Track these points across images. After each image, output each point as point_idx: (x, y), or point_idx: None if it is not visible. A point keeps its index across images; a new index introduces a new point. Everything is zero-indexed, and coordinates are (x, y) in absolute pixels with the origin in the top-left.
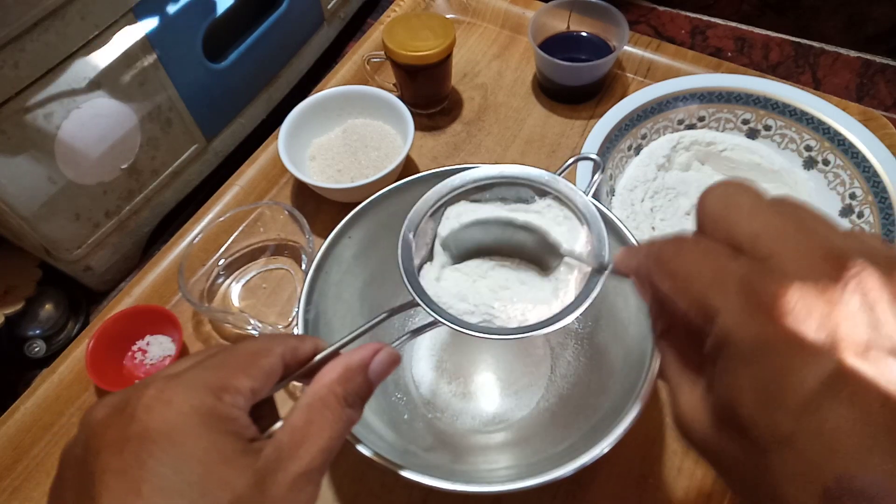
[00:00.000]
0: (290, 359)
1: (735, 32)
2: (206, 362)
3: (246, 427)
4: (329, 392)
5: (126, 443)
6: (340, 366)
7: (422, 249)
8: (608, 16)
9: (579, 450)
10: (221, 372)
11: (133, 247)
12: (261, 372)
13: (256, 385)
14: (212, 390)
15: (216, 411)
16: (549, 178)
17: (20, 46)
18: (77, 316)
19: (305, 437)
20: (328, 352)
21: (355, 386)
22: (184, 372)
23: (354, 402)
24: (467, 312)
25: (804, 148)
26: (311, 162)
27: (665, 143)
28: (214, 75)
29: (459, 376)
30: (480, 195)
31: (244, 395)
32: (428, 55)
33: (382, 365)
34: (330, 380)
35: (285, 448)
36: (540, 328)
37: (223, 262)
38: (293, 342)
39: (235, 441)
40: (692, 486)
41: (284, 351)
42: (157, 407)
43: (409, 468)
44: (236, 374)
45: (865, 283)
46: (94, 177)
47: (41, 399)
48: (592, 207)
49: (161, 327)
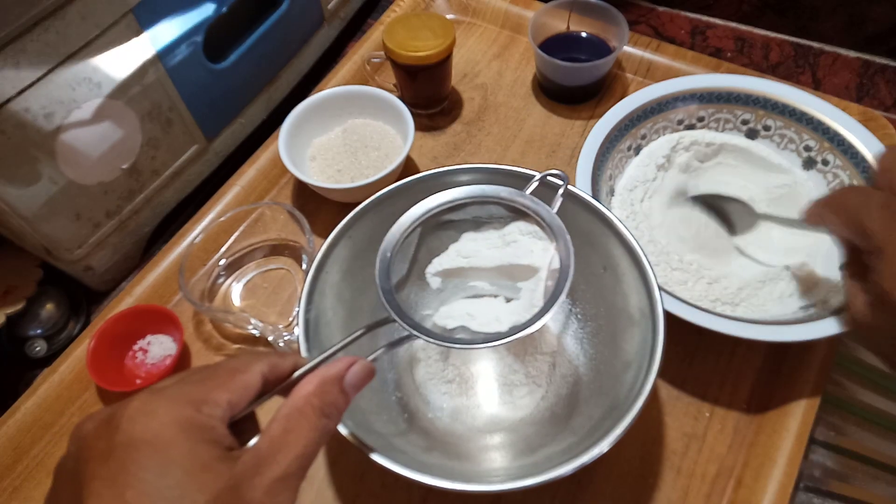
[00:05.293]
0: (270, 375)
1: (735, 32)
2: (188, 378)
3: (223, 436)
4: (306, 403)
5: (112, 452)
6: (317, 378)
7: (399, 268)
8: (608, 16)
9: (579, 449)
10: (201, 387)
11: (134, 247)
12: (238, 386)
13: (233, 398)
14: (191, 403)
15: (195, 421)
16: (516, 196)
17: (21, 46)
18: (78, 316)
19: (283, 445)
20: (307, 368)
21: (331, 397)
22: (167, 388)
23: (330, 413)
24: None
25: (804, 148)
26: (312, 162)
27: (665, 143)
28: (215, 75)
29: (459, 375)
30: (454, 215)
31: (221, 406)
32: (428, 55)
33: (356, 377)
34: (307, 392)
35: (263, 455)
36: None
37: (224, 262)
38: (273, 359)
39: (213, 448)
40: (691, 485)
41: (264, 367)
42: (140, 418)
43: (408, 467)
44: (215, 388)
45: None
46: (94, 177)
47: (42, 399)
48: (558, 221)
49: (162, 327)
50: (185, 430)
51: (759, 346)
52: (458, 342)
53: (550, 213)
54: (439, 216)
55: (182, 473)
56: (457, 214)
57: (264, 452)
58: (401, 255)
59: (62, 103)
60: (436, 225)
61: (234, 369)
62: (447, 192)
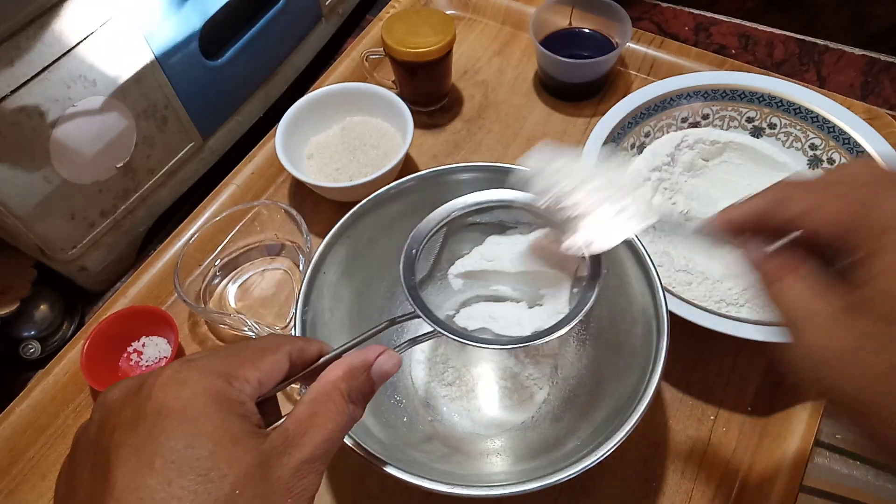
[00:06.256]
0: (296, 358)
1: (739, 29)
2: (218, 352)
3: (253, 413)
4: (334, 388)
5: (141, 420)
6: (345, 364)
7: (424, 266)
8: (611, 12)
9: (582, 453)
10: (232, 360)
11: (128, 246)
12: (268, 365)
13: (263, 377)
14: (223, 376)
15: (226, 394)
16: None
17: (15, 44)
18: (72, 317)
19: (310, 427)
20: (332, 354)
21: (358, 384)
22: (198, 359)
23: (357, 399)
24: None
25: (809, 146)
26: (309, 160)
27: (669, 141)
28: (211, 72)
29: (460, 379)
30: (479, 217)
31: (251, 383)
32: (428, 52)
33: (385, 366)
34: (335, 376)
35: (291, 435)
36: (538, 338)
37: (220, 263)
38: (300, 343)
39: (243, 423)
40: (695, 489)
41: (291, 350)
42: (172, 386)
43: (408, 471)
44: (245, 365)
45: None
46: (89, 176)
47: (36, 401)
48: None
49: (157, 328)
50: (217, 402)
51: (764, 348)
52: (482, 342)
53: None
54: (465, 218)
55: (213, 445)
56: (482, 217)
57: (292, 433)
58: (425, 253)
59: (57, 101)
60: (461, 226)
61: (264, 348)
62: (475, 195)
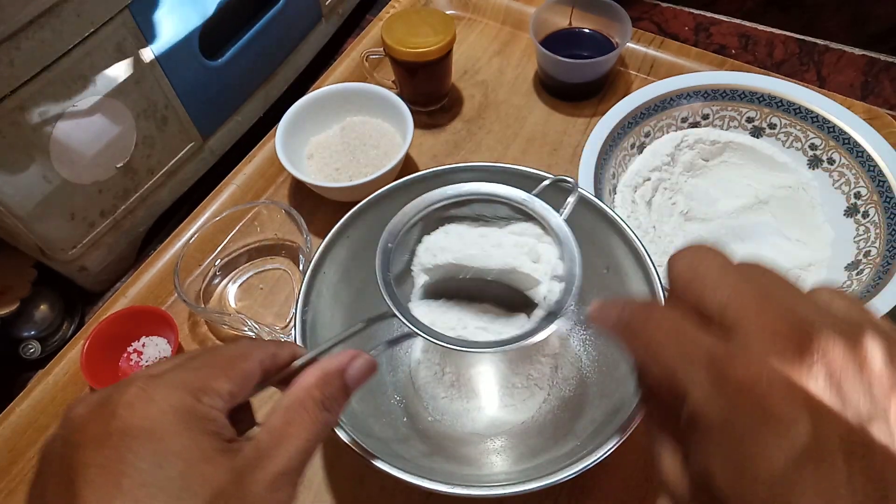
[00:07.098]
0: (269, 364)
1: (739, 29)
2: (186, 364)
3: (224, 428)
4: (307, 395)
5: (107, 438)
6: (318, 371)
7: (400, 260)
8: (611, 12)
9: (582, 453)
10: (201, 373)
11: (128, 246)
12: (239, 375)
13: (234, 388)
14: (191, 391)
15: (195, 411)
16: (526, 198)
17: (15, 44)
18: (72, 317)
19: (284, 438)
20: (306, 358)
21: (332, 390)
22: (165, 372)
23: (331, 407)
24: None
25: (809, 146)
26: (309, 160)
27: (669, 141)
28: (211, 72)
29: (460, 379)
30: (458, 211)
31: (223, 397)
32: (428, 52)
33: (359, 371)
34: (308, 384)
35: (264, 448)
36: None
37: (219, 263)
38: (272, 348)
39: (214, 440)
40: None
41: (263, 356)
42: (138, 404)
43: (408, 472)
44: (216, 377)
45: (830, 360)
46: (89, 176)
47: (36, 401)
48: (566, 228)
49: (157, 328)
50: (185, 421)
51: None
52: (457, 343)
53: (558, 219)
54: (442, 211)
55: (183, 464)
56: (461, 211)
57: (265, 445)
58: (401, 247)
59: (57, 101)
60: (438, 220)
61: (234, 357)
62: (453, 187)
